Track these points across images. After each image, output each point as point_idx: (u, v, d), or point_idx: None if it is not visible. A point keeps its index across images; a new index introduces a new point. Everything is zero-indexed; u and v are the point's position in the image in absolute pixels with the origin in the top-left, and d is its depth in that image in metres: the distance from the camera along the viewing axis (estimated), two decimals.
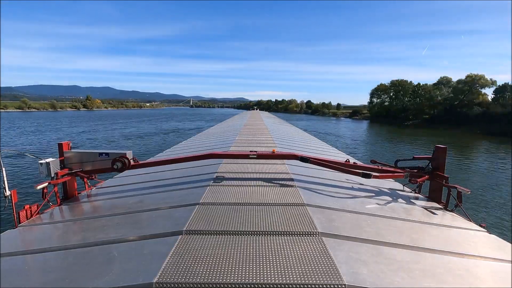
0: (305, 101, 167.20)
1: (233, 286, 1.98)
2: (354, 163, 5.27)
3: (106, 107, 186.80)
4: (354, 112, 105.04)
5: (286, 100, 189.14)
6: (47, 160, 4.40)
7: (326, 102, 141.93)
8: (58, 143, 4.78)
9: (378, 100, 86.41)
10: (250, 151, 5.27)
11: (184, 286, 1.97)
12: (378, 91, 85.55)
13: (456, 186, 4.27)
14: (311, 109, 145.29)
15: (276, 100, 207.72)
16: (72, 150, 4.81)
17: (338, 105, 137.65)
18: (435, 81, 71.35)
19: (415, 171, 4.89)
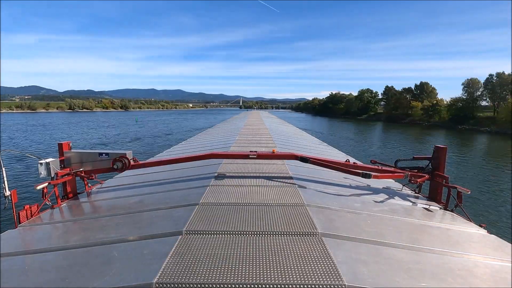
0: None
1: (233, 286, 1.98)
2: (354, 163, 5.27)
3: (149, 108, 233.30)
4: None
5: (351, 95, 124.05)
6: (47, 160, 4.40)
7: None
8: (58, 143, 4.78)
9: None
10: (250, 151, 5.27)
11: (184, 286, 1.97)
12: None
13: (456, 186, 4.27)
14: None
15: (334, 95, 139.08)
16: (72, 150, 4.81)
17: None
18: None
19: (415, 171, 4.89)
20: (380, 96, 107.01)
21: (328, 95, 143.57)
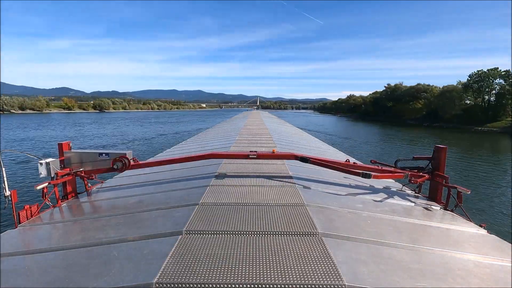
0: None
1: (233, 286, 1.98)
2: (354, 163, 5.27)
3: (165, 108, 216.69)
4: None
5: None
6: (47, 160, 4.40)
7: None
8: (58, 143, 4.78)
9: None
10: (250, 151, 5.27)
11: (184, 286, 1.97)
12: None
13: (456, 186, 4.27)
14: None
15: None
16: (72, 150, 4.81)
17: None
18: None
19: (415, 171, 4.89)
20: None
21: (385, 86, 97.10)
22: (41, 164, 4.33)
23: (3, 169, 3.73)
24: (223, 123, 26.93)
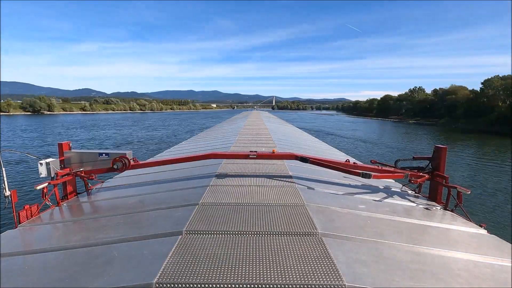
0: None
1: (233, 286, 1.98)
2: (354, 163, 5.26)
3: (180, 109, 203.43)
4: None
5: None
6: (47, 160, 4.40)
7: None
8: (58, 143, 4.78)
9: None
10: (250, 151, 5.27)
11: (184, 286, 1.97)
12: None
13: (456, 186, 4.27)
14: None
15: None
16: (72, 150, 4.81)
17: None
18: None
19: (415, 171, 4.89)
20: None
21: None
22: (41, 164, 4.33)
23: (3, 169, 3.73)
24: (223, 123, 26.93)
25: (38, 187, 4.05)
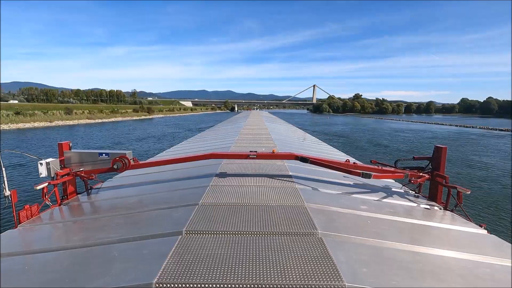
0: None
1: (233, 286, 1.98)
2: (354, 163, 5.26)
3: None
4: None
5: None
6: (47, 160, 4.39)
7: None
8: (58, 143, 4.77)
9: None
10: (250, 152, 5.27)
11: (184, 286, 1.97)
12: None
13: (456, 186, 4.27)
14: None
15: None
16: (72, 150, 4.81)
17: None
18: None
19: (415, 171, 4.89)
20: None
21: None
22: (41, 164, 4.33)
23: (3, 169, 3.73)
24: (223, 123, 26.93)
25: (38, 187, 4.05)
